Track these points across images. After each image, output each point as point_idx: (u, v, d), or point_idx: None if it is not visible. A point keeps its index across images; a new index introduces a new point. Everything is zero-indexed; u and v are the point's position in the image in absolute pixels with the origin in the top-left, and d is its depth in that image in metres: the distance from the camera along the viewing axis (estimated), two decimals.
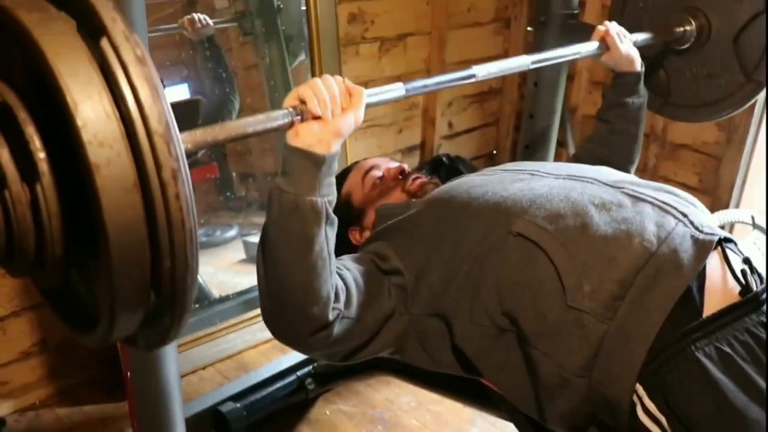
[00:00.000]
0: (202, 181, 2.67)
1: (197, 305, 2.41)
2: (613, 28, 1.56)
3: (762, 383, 0.98)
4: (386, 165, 1.50)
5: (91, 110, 0.65)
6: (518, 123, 2.88)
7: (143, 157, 0.67)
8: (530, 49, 2.50)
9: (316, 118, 1.01)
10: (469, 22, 2.77)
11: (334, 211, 1.08)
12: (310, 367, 2.16)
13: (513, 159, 2.92)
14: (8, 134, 0.71)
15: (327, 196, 1.04)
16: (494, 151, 3.15)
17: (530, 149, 2.50)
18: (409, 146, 2.83)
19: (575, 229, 1.09)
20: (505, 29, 2.92)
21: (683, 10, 1.76)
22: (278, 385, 2.12)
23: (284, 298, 1.07)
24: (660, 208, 1.13)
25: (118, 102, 0.67)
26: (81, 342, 0.84)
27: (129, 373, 1.67)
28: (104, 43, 0.67)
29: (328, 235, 1.06)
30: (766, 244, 2.22)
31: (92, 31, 0.69)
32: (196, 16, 2.34)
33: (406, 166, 1.49)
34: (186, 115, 1.31)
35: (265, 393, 2.09)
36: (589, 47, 1.54)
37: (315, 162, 1.01)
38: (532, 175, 1.26)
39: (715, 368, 0.98)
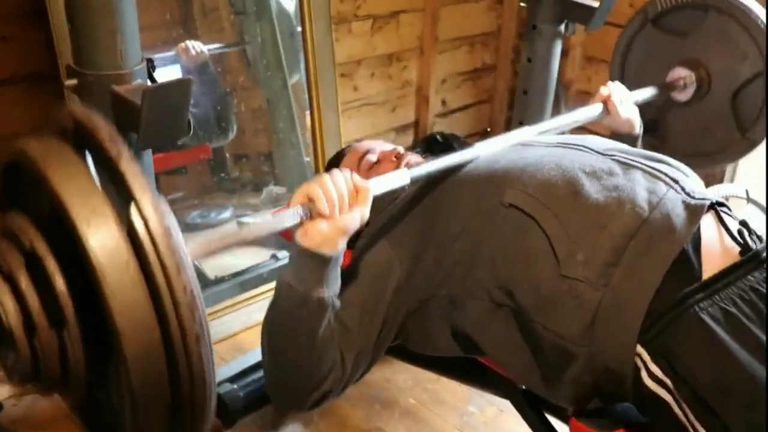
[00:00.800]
0: (195, 162, 2.65)
1: None
2: (615, 92, 1.55)
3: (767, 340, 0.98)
4: (381, 148, 1.50)
5: (118, 278, 0.69)
6: (512, 100, 2.86)
7: (169, 324, 0.71)
8: (524, 24, 2.48)
9: (323, 215, 1.04)
10: None
11: None
12: None
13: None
14: (38, 282, 0.76)
15: (333, 288, 1.09)
16: (488, 129, 3.14)
17: (524, 126, 2.48)
18: (402, 124, 2.82)
19: (566, 198, 1.09)
20: (498, 5, 2.90)
21: (684, 61, 1.81)
22: None
23: (288, 378, 1.14)
24: (651, 174, 1.13)
25: (145, 271, 0.71)
26: None
27: None
28: (133, 211, 0.72)
29: (331, 321, 1.10)
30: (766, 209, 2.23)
31: (122, 194, 0.73)
32: (190, 44, 2.36)
33: (401, 149, 1.50)
34: (177, 95, 1.30)
35: (261, 374, 2.09)
36: (591, 112, 1.55)
37: (323, 261, 1.05)
38: (524, 145, 1.26)
39: (720, 328, 0.98)
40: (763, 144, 1.82)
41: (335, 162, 1.58)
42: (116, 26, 1.28)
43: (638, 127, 1.58)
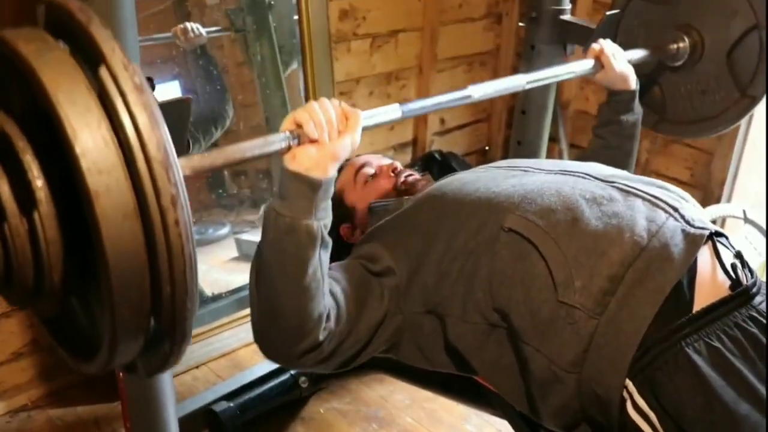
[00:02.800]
0: (193, 179, 2.65)
1: None
2: (608, 46, 1.56)
3: (753, 379, 0.98)
4: (378, 162, 1.50)
5: (89, 138, 0.66)
6: (510, 119, 2.87)
7: (142, 184, 0.67)
8: (522, 45, 2.49)
9: (313, 141, 1.02)
10: (460, 18, 2.76)
11: None
12: None
13: (505, 155, 2.93)
14: (7, 164, 0.72)
15: (323, 220, 1.05)
16: (486, 147, 3.15)
17: (522, 145, 2.49)
18: (401, 143, 2.83)
19: (566, 224, 1.09)
20: (497, 25, 2.91)
21: (676, 27, 1.77)
22: (272, 383, 2.11)
23: (276, 319, 1.09)
24: (651, 202, 1.13)
25: (116, 130, 0.67)
26: (80, 370, 0.84)
27: (121, 373, 1.67)
28: (103, 71, 0.68)
29: (322, 258, 1.07)
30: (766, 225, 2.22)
31: (91, 59, 0.69)
32: (188, 25, 2.31)
33: (398, 163, 1.49)
34: (176, 114, 1.30)
35: (258, 392, 2.09)
36: (584, 66, 1.55)
37: (312, 186, 1.02)
38: (525, 171, 1.26)
39: (705, 363, 0.98)
40: (763, 157, 1.81)
41: None
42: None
43: (634, 82, 1.59)
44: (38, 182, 0.70)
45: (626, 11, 1.90)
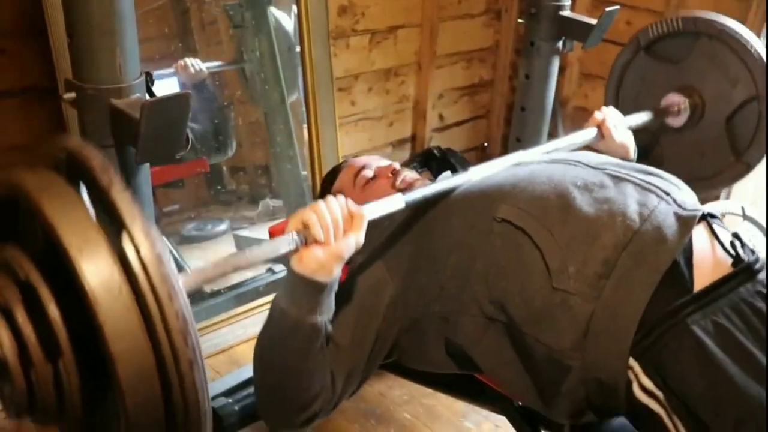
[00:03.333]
0: (192, 175, 2.65)
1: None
2: (610, 117, 1.56)
3: (760, 356, 0.98)
4: (377, 164, 1.50)
5: (112, 304, 0.70)
6: (509, 115, 2.87)
7: (162, 350, 0.72)
8: (521, 41, 2.49)
9: (319, 242, 1.05)
10: (460, 14, 2.76)
11: None
12: None
13: (504, 152, 2.92)
14: (33, 314, 0.76)
15: (326, 314, 1.10)
16: (485, 144, 3.15)
17: (521, 142, 2.49)
18: (399, 139, 2.83)
19: (558, 211, 1.10)
20: (496, 21, 2.91)
21: (678, 88, 1.82)
22: None
23: (278, 398, 1.15)
24: (642, 187, 1.14)
25: (138, 298, 0.71)
26: None
27: None
28: (125, 239, 0.72)
29: (323, 345, 1.11)
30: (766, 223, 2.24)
31: (114, 223, 0.74)
32: (189, 61, 2.37)
33: (397, 165, 1.50)
34: (176, 108, 1.30)
35: None
36: (586, 136, 1.55)
37: (317, 289, 1.06)
38: (515, 166, 1.27)
39: (712, 342, 0.98)
40: (763, 162, 1.83)
41: (331, 177, 1.58)
42: (116, 40, 1.28)
43: (632, 152, 1.59)
44: (62, 334, 0.75)
45: (632, 64, 1.94)
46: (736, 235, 1.13)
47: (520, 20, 2.32)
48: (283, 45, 2.53)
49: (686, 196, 1.15)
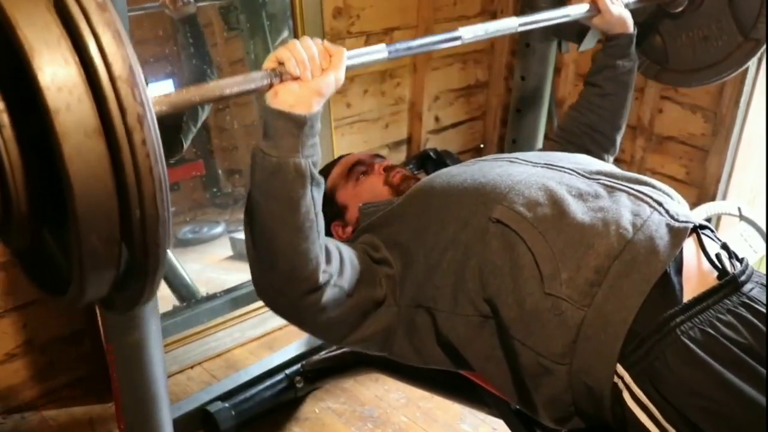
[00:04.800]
0: (188, 179, 2.64)
1: (184, 304, 2.39)
2: None
3: (750, 362, 0.98)
4: (370, 160, 1.50)
5: (48, 56, 0.64)
6: (505, 117, 2.87)
7: (106, 101, 0.65)
8: (516, 42, 2.49)
9: (296, 79, 1.00)
10: (455, 15, 2.75)
11: None
12: (299, 365, 2.15)
13: (500, 153, 2.92)
14: None
15: (311, 157, 1.03)
16: (481, 145, 3.15)
17: (517, 143, 2.49)
18: (395, 141, 2.82)
19: (553, 218, 1.10)
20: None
21: None
22: (267, 383, 2.11)
23: (272, 262, 1.07)
24: (635, 197, 1.15)
25: (78, 48, 0.65)
26: (55, 303, 0.81)
27: (114, 374, 1.66)
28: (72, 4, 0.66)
29: (314, 196, 1.04)
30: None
31: None
32: None
33: (390, 161, 1.50)
34: (170, 117, 1.29)
35: (253, 392, 2.08)
36: (579, 9, 1.51)
37: (296, 123, 1.00)
38: (510, 162, 1.28)
39: (702, 350, 0.99)
40: (758, 154, 1.80)
41: (325, 173, 1.58)
42: None
43: (631, 26, 1.56)
44: (3, 119, 0.69)
45: None
46: (724, 246, 1.14)
47: None
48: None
49: (678, 207, 1.16)
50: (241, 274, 2.45)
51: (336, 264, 1.11)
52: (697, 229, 1.13)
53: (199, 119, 2.43)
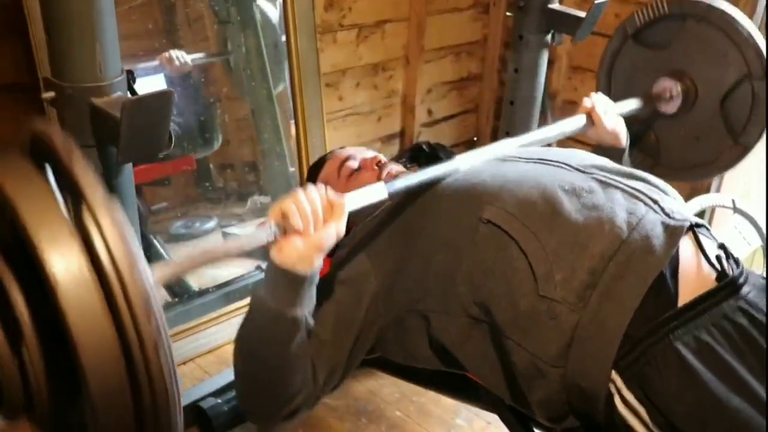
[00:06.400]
0: (179, 173, 2.63)
1: (176, 299, 2.38)
2: (599, 103, 1.53)
3: (743, 371, 0.97)
4: (362, 155, 1.49)
5: (73, 283, 0.68)
6: (498, 109, 2.86)
7: (126, 331, 0.70)
8: (510, 34, 2.48)
9: (298, 232, 1.03)
10: (447, 8, 2.74)
11: None
12: None
13: None
14: None
15: (308, 307, 1.09)
16: (475, 138, 3.14)
17: (511, 136, 2.47)
18: (388, 134, 2.81)
19: (545, 217, 1.09)
20: (484, 14, 2.89)
21: (669, 72, 1.79)
22: None
23: (259, 392, 1.14)
24: (630, 194, 1.13)
25: (99, 275, 0.70)
26: None
27: None
28: (86, 216, 0.71)
29: (304, 338, 1.10)
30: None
31: (76, 201, 0.73)
32: (173, 54, 2.33)
33: (382, 156, 1.49)
34: (157, 107, 1.28)
35: None
36: (575, 124, 1.52)
37: (298, 281, 1.05)
38: (503, 160, 1.25)
39: (694, 358, 0.97)
40: (763, 153, 1.81)
41: (316, 168, 1.57)
42: (95, 37, 1.26)
43: (624, 140, 1.56)
44: (24, 318, 0.73)
45: (620, 53, 1.92)
46: (722, 246, 1.12)
47: (508, 13, 2.32)
48: (269, 40, 2.51)
49: (674, 204, 1.14)
50: (233, 269, 2.44)
51: (311, 372, 1.14)
52: (693, 228, 1.11)
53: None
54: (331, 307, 1.17)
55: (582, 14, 2.03)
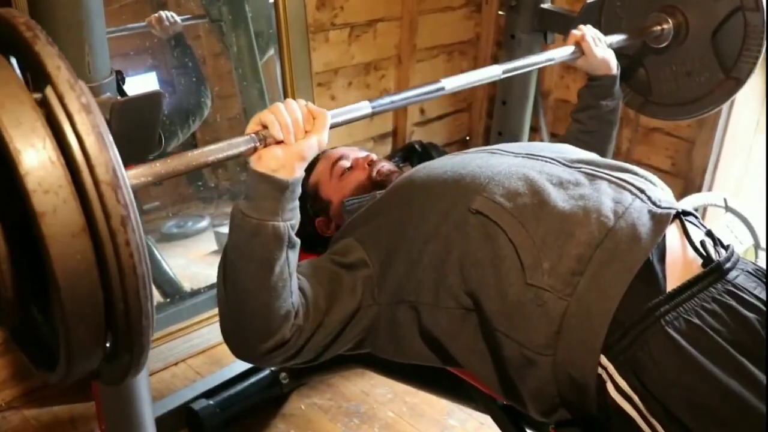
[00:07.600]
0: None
1: (168, 300, 2.37)
2: (588, 32, 1.57)
3: (734, 353, 0.97)
4: (354, 155, 1.49)
5: (35, 158, 0.66)
6: (491, 109, 2.85)
7: (91, 205, 0.68)
8: (502, 33, 2.48)
9: (279, 142, 1.02)
10: (440, 7, 2.73)
11: (301, 199, 1.08)
12: None
13: (486, 145, 2.91)
14: None
15: (290, 221, 1.05)
16: (467, 138, 3.14)
17: (503, 135, 2.48)
18: (381, 134, 2.80)
19: (533, 207, 1.09)
20: (477, 13, 2.89)
21: (661, 8, 1.76)
22: (252, 380, 2.09)
23: (243, 317, 1.09)
24: (617, 184, 1.14)
25: (64, 150, 0.67)
26: (46, 380, 0.85)
27: None
28: (49, 91, 0.68)
29: (289, 258, 1.07)
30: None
31: (38, 78, 0.70)
32: (163, 14, 2.27)
33: (374, 156, 1.49)
34: (147, 108, 1.27)
35: (238, 389, 2.06)
36: (564, 52, 1.54)
37: (278, 187, 1.02)
38: (491, 153, 1.27)
39: (685, 341, 0.98)
40: (763, 153, 1.80)
41: (308, 168, 1.56)
42: (83, 37, 1.25)
43: (615, 67, 1.60)
44: None
45: None
46: (709, 233, 1.13)
47: (500, 12, 2.31)
48: (261, 39, 2.49)
49: (661, 194, 1.15)
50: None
51: (303, 311, 1.11)
52: (680, 216, 1.12)
53: (190, 129, 2.43)
54: (324, 274, 1.16)
55: (574, 14, 2.03)
